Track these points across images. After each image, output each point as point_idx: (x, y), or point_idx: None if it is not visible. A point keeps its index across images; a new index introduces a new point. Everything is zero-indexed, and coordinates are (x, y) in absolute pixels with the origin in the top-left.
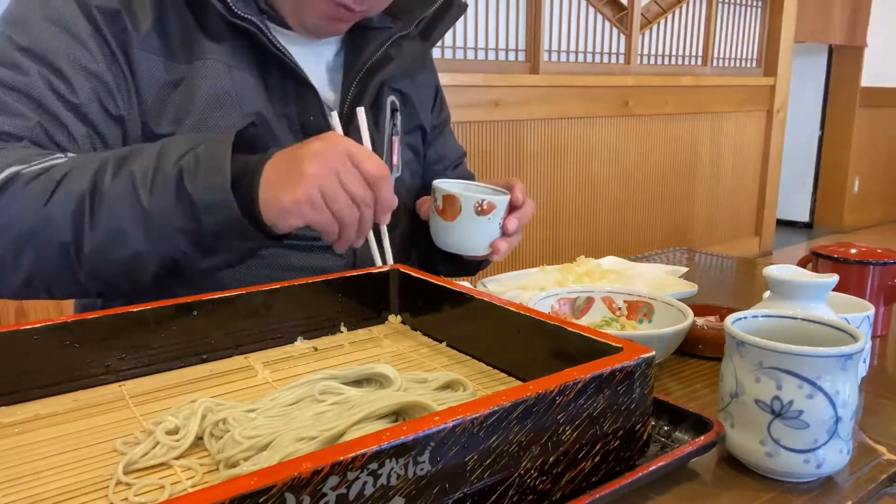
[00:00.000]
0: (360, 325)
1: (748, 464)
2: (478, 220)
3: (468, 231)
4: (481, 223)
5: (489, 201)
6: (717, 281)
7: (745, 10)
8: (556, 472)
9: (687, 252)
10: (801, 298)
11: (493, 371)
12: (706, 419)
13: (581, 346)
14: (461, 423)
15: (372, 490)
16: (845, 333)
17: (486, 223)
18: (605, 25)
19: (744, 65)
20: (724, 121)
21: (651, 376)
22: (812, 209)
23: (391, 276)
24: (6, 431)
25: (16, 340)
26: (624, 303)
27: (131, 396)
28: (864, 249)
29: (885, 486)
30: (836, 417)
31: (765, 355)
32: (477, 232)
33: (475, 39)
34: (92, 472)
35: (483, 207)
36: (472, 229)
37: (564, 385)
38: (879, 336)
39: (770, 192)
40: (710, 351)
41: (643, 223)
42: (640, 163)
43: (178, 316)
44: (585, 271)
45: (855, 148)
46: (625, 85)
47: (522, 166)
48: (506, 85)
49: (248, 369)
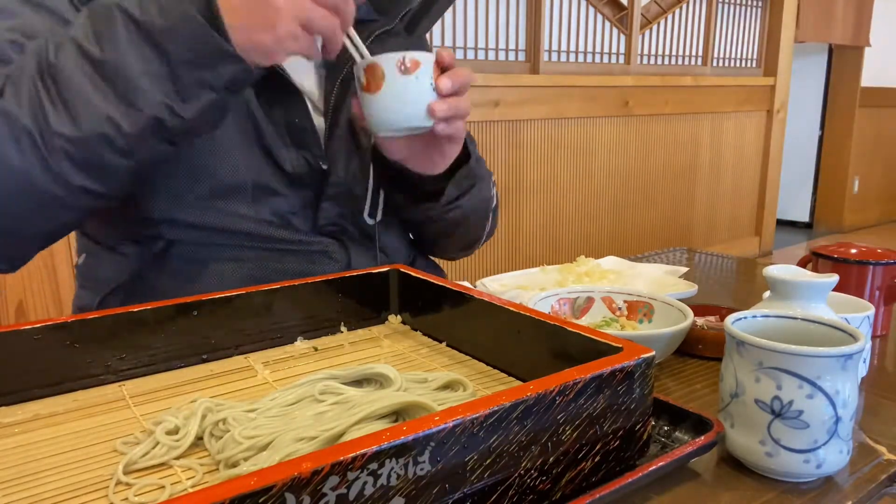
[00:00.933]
0: (360, 325)
1: (748, 464)
2: (404, 80)
3: (397, 96)
4: (408, 84)
5: (411, 57)
6: (717, 281)
7: (745, 10)
8: (556, 472)
9: (687, 252)
10: (801, 298)
11: (493, 371)
12: (706, 419)
13: (581, 346)
14: (461, 423)
15: (372, 490)
16: (845, 333)
17: (415, 83)
18: (605, 25)
19: (744, 65)
20: (724, 121)
21: (651, 376)
22: (812, 209)
23: (391, 276)
24: (6, 431)
25: (16, 340)
26: (624, 303)
27: (131, 396)
28: (864, 249)
29: (885, 486)
30: (836, 417)
31: (765, 355)
32: (406, 95)
33: (475, 39)
34: (92, 472)
35: (406, 65)
36: (401, 93)
37: (564, 385)
38: (879, 336)
39: (770, 192)
40: (710, 351)
41: (643, 223)
42: (640, 163)
43: (178, 316)
44: (585, 271)
45: (855, 148)
46: (625, 85)
47: (522, 166)
48: (506, 85)
49: (248, 369)
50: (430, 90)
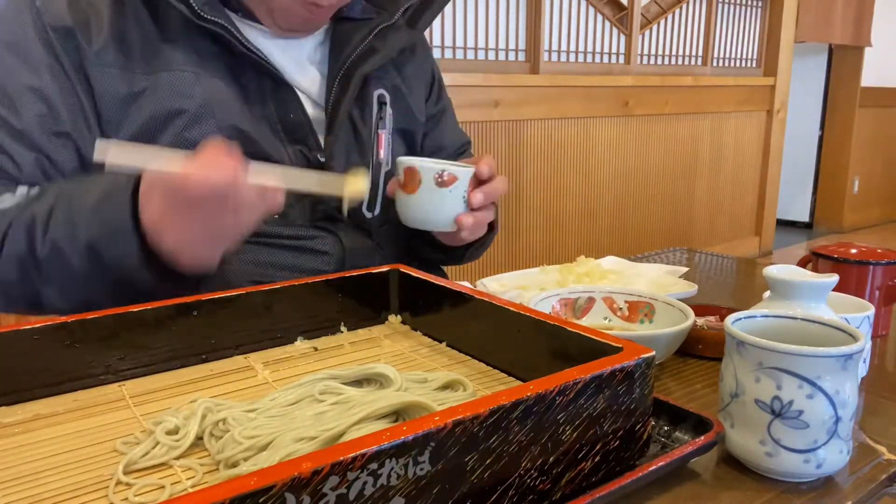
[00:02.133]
0: (360, 325)
1: (748, 464)
2: (439, 192)
3: (429, 203)
4: (442, 195)
5: (450, 172)
6: (717, 281)
7: (745, 10)
8: (556, 472)
9: (687, 252)
10: (801, 298)
11: (493, 371)
12: (706, 419)
13: (581, 346)
14: (461, 423)
15: (372, 490)
16: (845, 333)
17: (448, 196)
18: (605, 25)
19: (744, 65)
20: (724, 121)
21: (651, 376)
22: (812, 209)
23: (391, 276)
24: (6, 431)
25: (16, 340)
26: (625, 303)
27: (131, 396)
28: (864, 249)
29: (885, 486)
30: (836, 417)
31: (765, 355)
32: (438, 205)
33: (475, 39)
34: (92, 472)
35: (444, 179)
36: (434, 202)
37: (564, 385)
38: (879, 336)
39: (770, 192)
40: (710, 351)
41: (643, 223)
42: (640, 163)
43: (178, 316)
44: (585, 271)
45: (855, 148)
46: (625, 85)
47: (522, 166)
48: (506, 85)
49: (248, 369)
50: (462, 203)
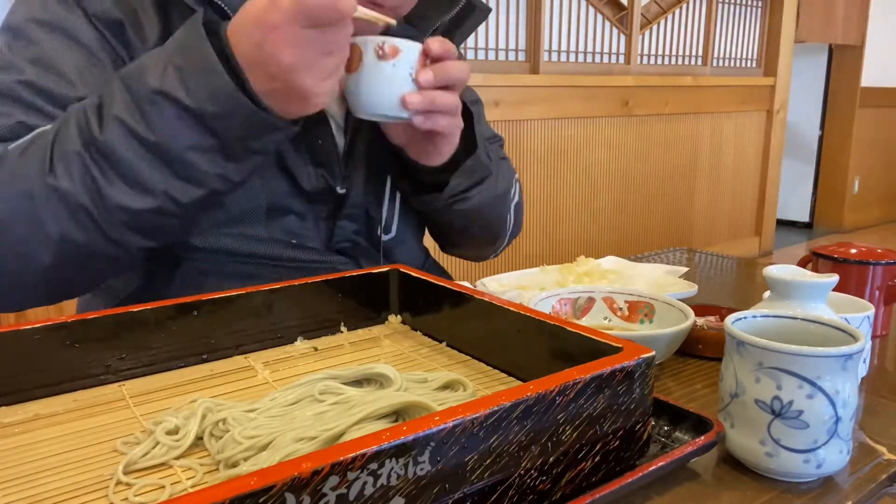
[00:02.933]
0: (360, 325)
1: (748, 464)
2: (380, 66)
3: (372, 80)
4: (384, 71)
5: (392, 44)
6: (717, 281)
7: (745, 10)
8: (556, 472)
9: (687, 252)
10: (801, 298)
11: (493, 371)
12: (706, 419)
13: (581, 346)
14: (461, 423)
15: (372, 490)
16: (845, 333)
17: (392, 71)
18: (605, 25)
19: (744, 65)
20: (724, 121)
21: (651, 376)
22: (812, 209)
23: (391, 276)
24: (6, 431)
25: (16, 340)
26: (625, 303)
27: (131, 396)
28: (864, 249)
29: (885, 486)
30: (836, 417)
31: (765, 355)
32: (382, 83)
33: (475, 39)
34: (92, 472)
35: (385, 51)
36: (376, 78)
37: (564, 385)
38: (879, 336)
39: (770, 192)
40: (710, 351)
41: (643, 223)
42: (640, 163)
43: (178, 316)
44: (585, 271)
45: (855, 148)
46: (625, 85)
47: (522, 166)
48: (506, 85)
49: (248, 369)
50: (409, 81)
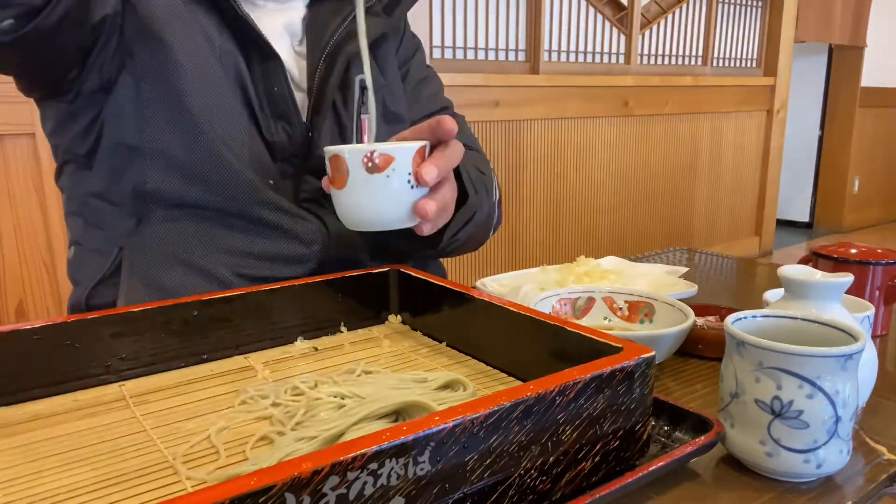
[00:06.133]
0: (360, 325)
1: (748, 464)
2: (372, 179)
3: (365, 197)
4: (379, 184)
5: (381, 153)
6: (717, 281)
7: (745, 10)
8: (556, 472)
9: (687, 252)
10: (817, 298)
11: (493, 371)
12: (706, 419)
13: (581, 346)
14: (461, 423)
15: (372, 490)
16: (845, 333)
17: (386, 182)
18: (605, 25)
19: (744, 65)
20: (724, 121)
21: (651, 376)
22: (812, 209)
23: (391, 276)
24: (6, 431)
25: (16, 340)
26: (625, 303)
27: (131, 396)
28: (864, 249)
29: (885, 486)
30: (836, 417)
31: (765, 355)
32: (378, 196)
33: (475, 39)
34: (92, 472)
35: (374, 162)
36: (370, 194)
37: (564, 385)
38: (879, 336)
39: (770, 192)
40: (710, 351)
41: (643, 223)
42: (640, 163)
43: (178, 316)
44: (585, 271)
45: (855, 148)
46: (625, 85)
47: (522, 166)
48: (506, 85)
49: (248, 369)
50: (408, 188)
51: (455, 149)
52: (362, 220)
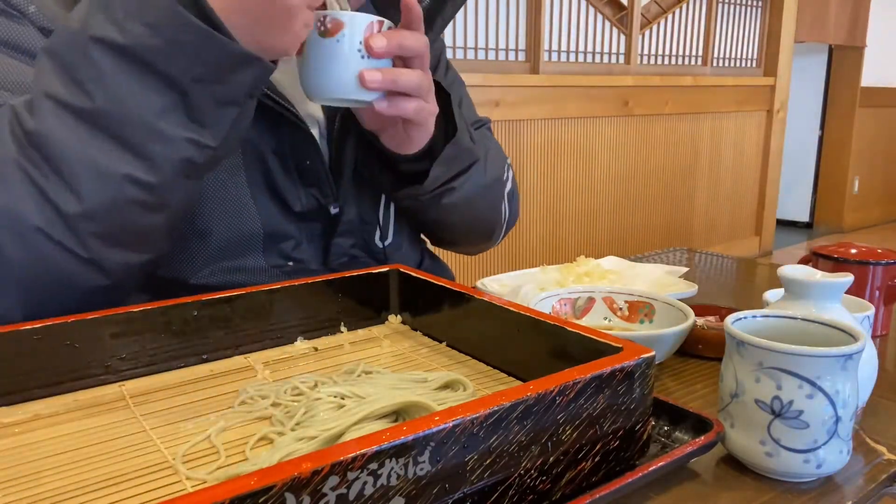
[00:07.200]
0: (360, 325)
1: (748, 464)
2: (324, 44)
3: (316, 60)
4: (329, 48)
5: (333, 17)
6: (717, 281)
7: (745, 10)
8: (556, 472)
9: (687, 252)
10: (817, 298)
11: (493, 371)
12: (706, 419)
13: (581, 346)
14: (461, 423)
15: (372, 490)
16: (845, 333)
17: (336, 47)
18: (605, 25)
19: (744, 65)
20: (724, 121)
21: (651, 376)
22: (812, 209)
23: (391, 276)
24: (6, 431)
25: (16, 340)
26: (625, 303)
27: (131, 396)
28: (864, 249)
29: (885, 486)
30: (836, 417)
31: (765, 355)
32: (327, 60)
33: (475, 39)
34: (92, 472)
35: (326, 26)
36: (321, 57)
37: (564, 385)
38: (879, 336)
39: (770, 192)
40: (710, 351)
41: (643, 223)
42: (640, 163)
43: (178, 316)
44: (585, 271)
45: (855, 148)
46: (625, 85)
47: (522, 166)
48: (506, 85)
49: (248, 369)
50: (357, 56)
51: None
52: (314, 86)
